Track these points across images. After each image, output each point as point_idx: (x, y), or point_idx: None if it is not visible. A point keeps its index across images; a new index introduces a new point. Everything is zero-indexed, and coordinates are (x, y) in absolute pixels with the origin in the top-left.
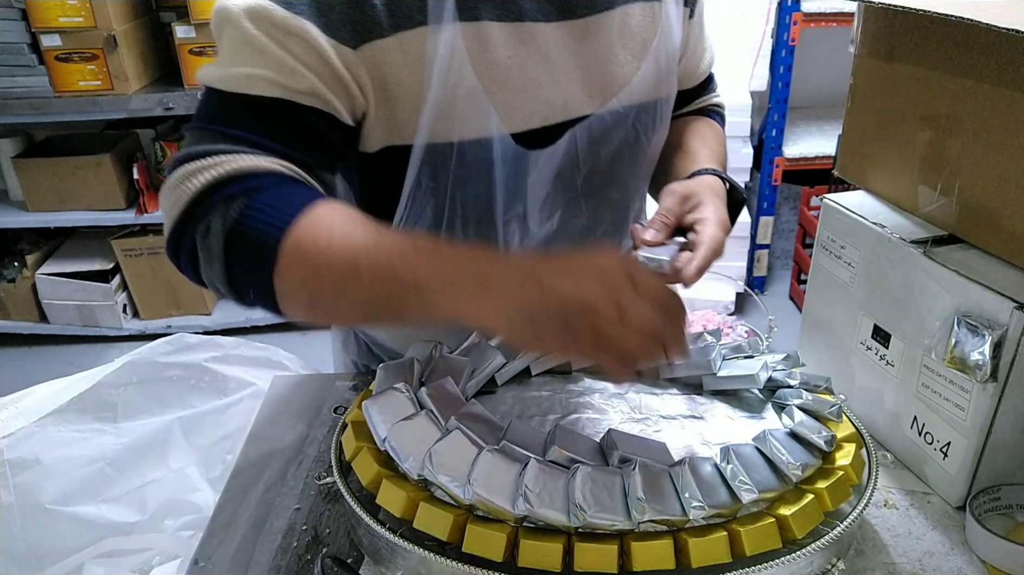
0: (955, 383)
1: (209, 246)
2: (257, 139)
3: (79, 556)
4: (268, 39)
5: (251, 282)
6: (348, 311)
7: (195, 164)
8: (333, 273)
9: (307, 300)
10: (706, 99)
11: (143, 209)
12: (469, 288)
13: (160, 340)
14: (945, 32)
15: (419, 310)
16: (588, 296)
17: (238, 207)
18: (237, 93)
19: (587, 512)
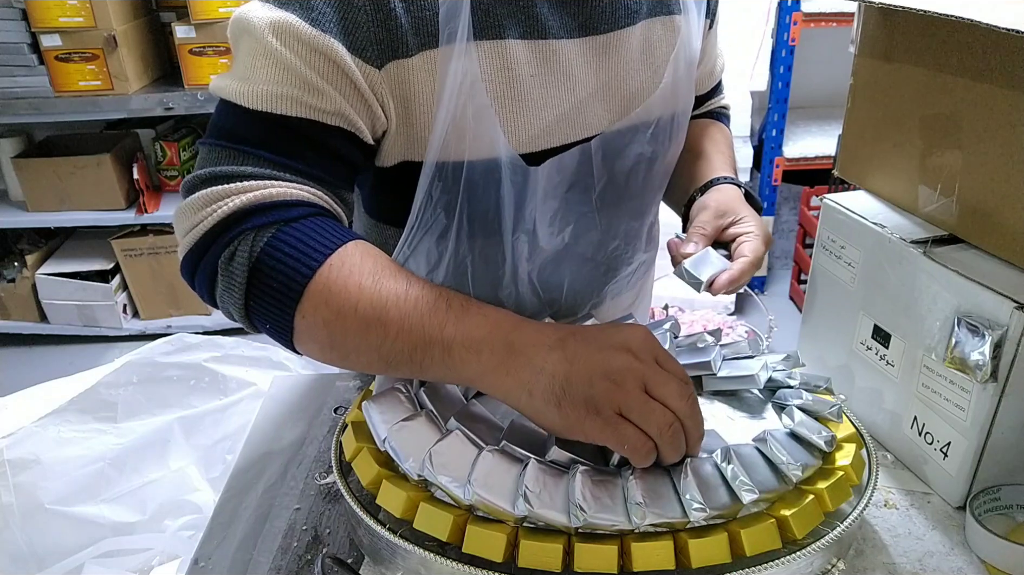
0: (955, 383)
1: (232, 273)
2: (283, 160)
3: (79, 556)
4: (294, 55)
5: (269, 316)
6: (365, 357)
7: (223, 187)
8: (358, 318)
9: (325, 341)
10: (714, 102)
11: (143, 209)
12: (496, 351)
13: (160, 340)
14: (945, 32)
15: (441, 367)
16: (615, 369)
17: (266, 238)
18: (261, 111)
19: (587, 512)
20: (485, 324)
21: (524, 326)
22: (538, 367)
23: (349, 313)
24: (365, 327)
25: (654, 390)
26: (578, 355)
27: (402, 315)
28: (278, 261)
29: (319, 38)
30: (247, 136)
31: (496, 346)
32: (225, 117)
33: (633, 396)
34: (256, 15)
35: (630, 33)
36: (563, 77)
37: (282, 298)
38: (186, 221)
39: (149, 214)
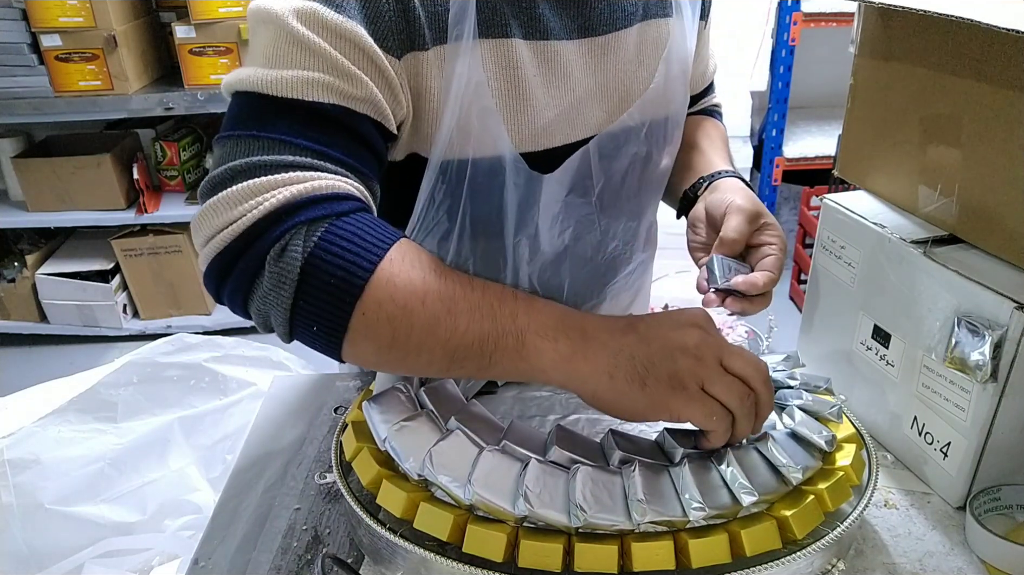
0: (955, 383)
1: (283, 270)
2: (322, 148)
3: (79, 556)
4: (321, 40)
5: (322, 315)
6: (428, 355)
7: (267, 179)
8: (426, 312)
9: (386, 340)
10: (706, 101)
11: (143, 209)
12: (572, 337)
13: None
14: (945, 32)
15: (514, 358)
16: (693, 344)
17: (320, 232)
18: (293, 98)
19: (587, 512)
20: (555, 313)
21: (591, 315)
22: (615, 349)
23: (416, 307)
24: (434, 322)
25: (730, 363)
26: (653, 335)
27: (472, 306)
28: (336, 255)
29: (345, 24)
30: (280, 124)
31: (571, 332)
32: (249, 108)
33: (714, 370)
34: (277, 4)
35: (627, 35)
36: (563, 78)
37: (341, 294)
38: (218, 218)
39: (149, 214)
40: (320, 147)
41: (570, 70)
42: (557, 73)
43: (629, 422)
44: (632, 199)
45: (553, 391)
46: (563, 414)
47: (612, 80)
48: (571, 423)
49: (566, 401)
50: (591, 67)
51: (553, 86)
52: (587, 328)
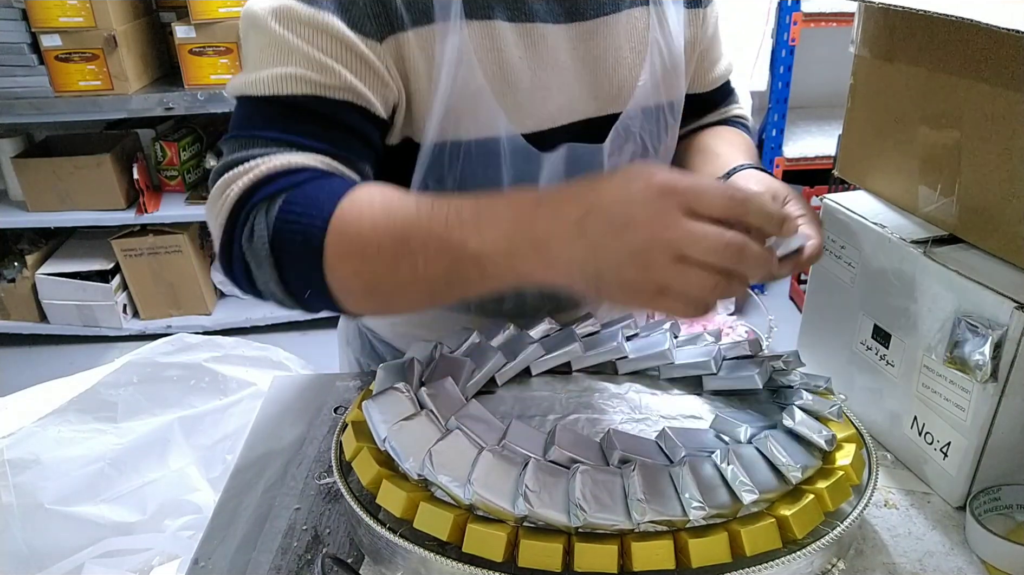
0: (955, 383)
1: (255, 250)
2: (293, 138)
3: (79, 556)
4: (296, 37)
5: (304, 280)
6: (408, 295)
7: (233, 172)
8: (384, 257)
9: (363, 289)
10: (727, 110)
11: (143, 209)
12: (526, 254)
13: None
14: (945, 32)
15: (481, 284)
16: (638, 249)
17: (278, 205)
18: (269, 95)
19: (587, 512)
20: (504, 227)
21: (540, 215)
22: (567, 259)
23: (373, 254)
24: (394, 263)
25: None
26: (600, 241)
27: (423, 242)
28: (293, 223)
29: (317, 16)
30: (254, 122)
31: (523, 248)
32: (236, 112)
33: (665, 271)
34: (259, 6)
35: (615, 20)
36: (550, 60)
37: (307, 258)
38: (210, 218)
39: (149, 214)
40: (288, 136)
41: (557, 54)
42: (544, 56)
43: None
44: None
45: (553, 391)
46: (563, 414)
47: (602, 65)
48: (571, 423)
49: (566, 401)
50: (579, 51)
51: (541, 69)
52: (538, 237)
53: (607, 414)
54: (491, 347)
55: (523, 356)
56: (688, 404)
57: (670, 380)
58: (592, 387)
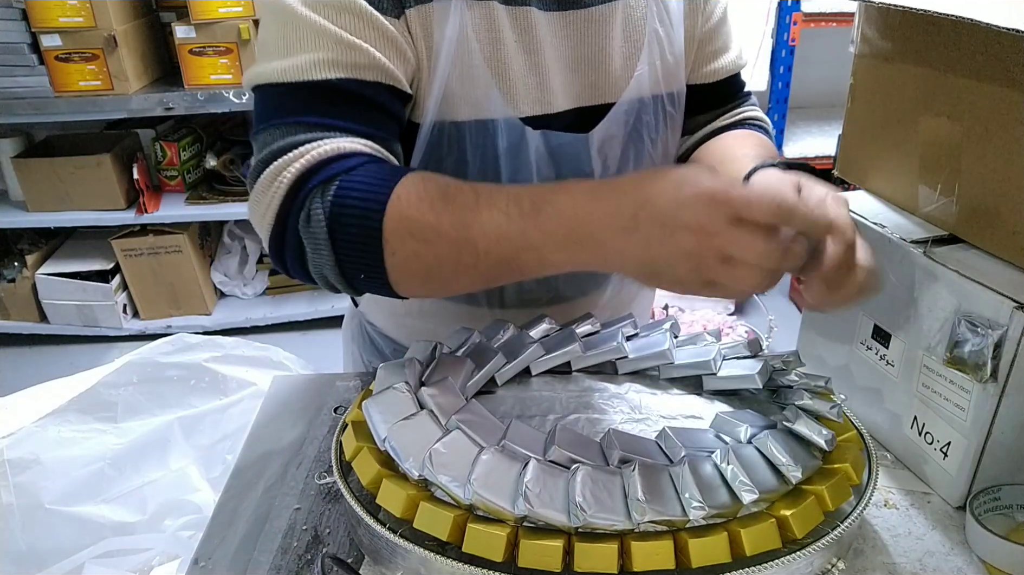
0: (955, 383)
1: (313, 233)
2: (329, 120)
3: (79, 556)
4: (322, 18)
5: (361, 262)
6: (466, 278)
7: (283, 159)
8: (446, 242)
9: (422, 273)
10: (741, 111)
11: (143, 209)
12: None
13: (160, 340)
14: (945, 32)
15: (540, 268)
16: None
17: (333, 190)
18: (301, 81)
19: (587, 512)
20: (563, 221)
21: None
22: (620, 251)
23: (433, 238)
24: (456, 249)
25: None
26: (652, 239)
27: (484, 230)
28: (351, 207)
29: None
30: (293, 108)
31: (583, 241)
32: (268, 101)
33: (714, 270)
34: None
35: (611, 9)
36: (543, 46)
37: (367, 240)
38: (259, 206)
39: (149, 214)
40: (329, 120)
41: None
42: (536, 41)
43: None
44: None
45: (553, 391)
46: (563, 414)
47: (597, 54)
48: (571, 423)
49: (566, 401)
50: (571, 40)
51: (535, 53)
52: (595, 232)
53: (607, 414)
54: (491, 347)
55: (523, 356)
56: (688, 404)
57: (670, 380)
58: (592, 387)
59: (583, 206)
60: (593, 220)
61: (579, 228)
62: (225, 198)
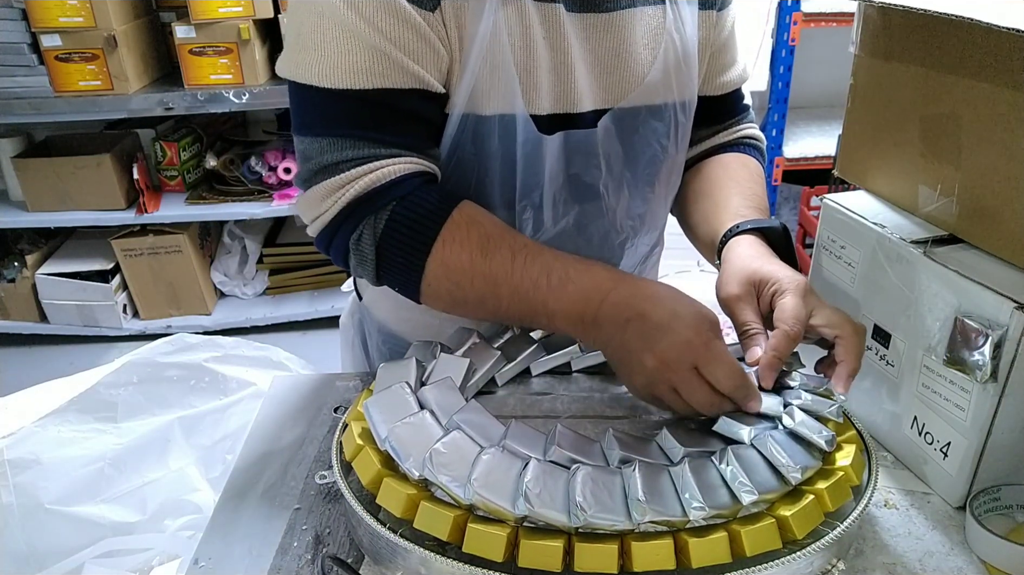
0: (955, 383)
1: (362, 252)
2: (377, 135)
3: (79, 556)
4: (359, 16)
5: (398, 283)
6: (484, 315)
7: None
8: (474, 290)
9: (448, 304)
10: (739, 129)
11: (143, 209)
12: (587, 324)
13: (160, 340)
14: (945, 32)
15: (547, 328)
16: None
17: (385, 219)
18: (342, 89)
19: (587, 512)
20: (579, 300)
21: (607, 303)
22: (607, 342)
23: (466, 284)
24: (481, 297)
25: (704, 371)
26: (630, 346)
27: (512, 291)
28: (399, 241)
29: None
30: (336, 117)
31: (587, 319)
32: (309, 102)
33: (684, 375)
34: None
35: (630, 15)
36: (570, 45)
37: (408, 271)
38: (311, 211)
39: (149, 214)
40: (376, 134)
41: (571, 39)
42: (561, 39)
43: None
44: (638, 192)
45: (553, 391)
46: (563, 414)
47: (615, 59)
48: (571, 423)
49: (566, 401)
50: (591, 42)
51: (560, 51)
52: (598, 318)
53: (607, 414)
54: (491, 347)
55: (523, 356)
56: None
57: None
58: (592, 387)
59: (602, 291)
60: (605, 308)
61: (590, 310)
62: (225, 198)
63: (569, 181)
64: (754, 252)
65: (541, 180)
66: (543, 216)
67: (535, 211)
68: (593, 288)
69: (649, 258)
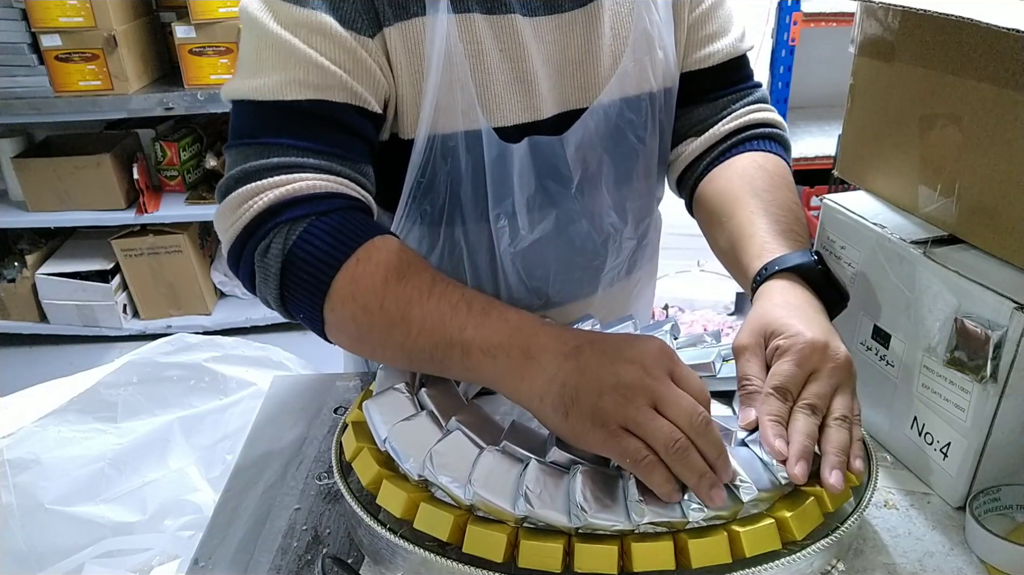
0: (955, 383)
1: (267, 266)
2: (303, 144)
3: (79, 556)
4: (295, 37)
5: (302, 307)
6: (391, 353)
7: (255, 184)
8: (383, 315)
9: (354, 335)
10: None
11: (143, 209)
12: (513, 357)
13: (160, 340)
14: (945, 32)
15: (461, 367)
16: (624, 383)
17: (299, 231)
18: (273, 101)
19: (588, 513)
20: (505, 329)
21: (543, 332)
22: (551, 375)
23: (375, 309)
24: (390, 324)
25: (663, 408)
26: (590, 366)
27: (424, 314)
28: (308, 255)
29: (311, 16)
30: (266, 128)
31: (513, 352)
32: (242, 117)
33: (639, 411)
34: (254, 5)
35: (597, 9)
36: (529, 53)
37: (312, 291)
38: (224, 221)
39: (149, 214)
40: (302, 143)
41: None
42: (522, 48)
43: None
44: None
45: None
46: None
47: (583, 56)
48: None
49: None
50: (559, 43)
51: (522, 60)
52: (531, 348)
53: None
54: None
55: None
56: None
57: None
58: None
59: (530, 326)
60: (535, 340)
61: (517, 340)
62: None
63: (542, 187)
64: (779, 301)
65: (511, 188)
66: (518, 224)
67: (509, 219)
68: (523, 319)
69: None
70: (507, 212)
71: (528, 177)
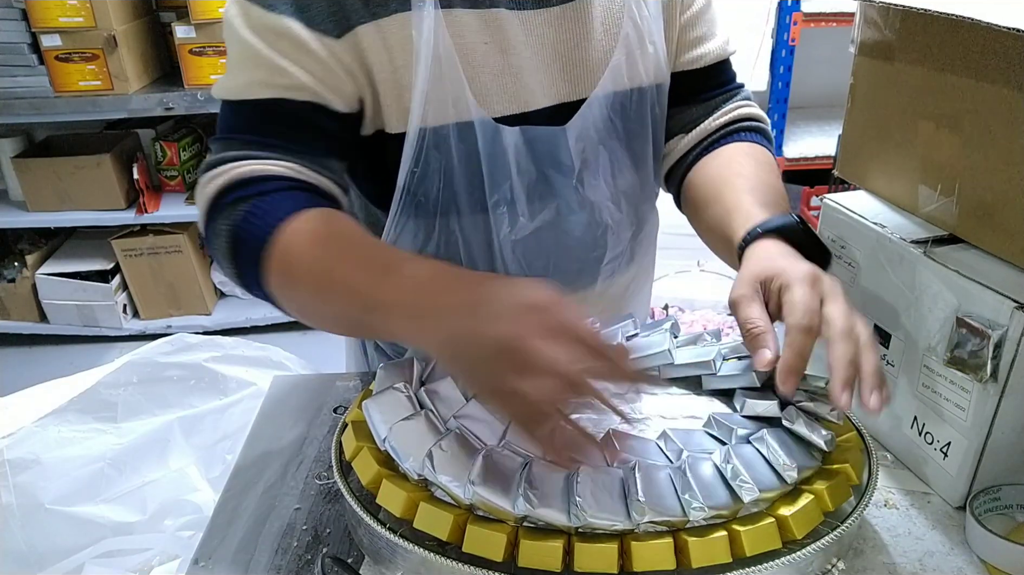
0: (955, 383)
1: (219, 247)
2: (262, 139)
3: (79, 556)
4: (261, 41)
5: (254, 283)
6: (330, 322)
7: (212, 172)
8: (310, 282)
9: (294, 304)
10: (731, 108)
11: (143, 209)
12: (426, 315)
13: (160, 340)
14: (945, 31)
15: (385, 330)
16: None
17: (241, 211)
18: (240, 100)
19: (587, 512)
20: (414, 287)
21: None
22: (444, 330)
23: (304, 276)
24: (317, 290)
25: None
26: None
27: (345, 278)
28: (247, 232)
29: (274, 19)
30: (234, 125)
31: (426, 309)
32: (221, 115)
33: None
34: (231, 11)
35: (586, 3)
36: (516, 46)
37: (255, 264)
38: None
39: (149, 214)
40: (261, 138)
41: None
42: (508, 41)
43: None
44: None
45: None
46: None
47: (573, 50)
48: None
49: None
50: (547, 37)
51: (507, 53)
52: (439, 305)
53: (607, 414)
54: None
55: None
56: (688, 404)
57: (670, 380)
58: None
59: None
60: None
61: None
62: None
63: (544, 176)
64: (768, 254)
65: (508, 173)
66: (517, 211)
67: (508, 206)
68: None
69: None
70: (505, 199)
71: (527, 165)
